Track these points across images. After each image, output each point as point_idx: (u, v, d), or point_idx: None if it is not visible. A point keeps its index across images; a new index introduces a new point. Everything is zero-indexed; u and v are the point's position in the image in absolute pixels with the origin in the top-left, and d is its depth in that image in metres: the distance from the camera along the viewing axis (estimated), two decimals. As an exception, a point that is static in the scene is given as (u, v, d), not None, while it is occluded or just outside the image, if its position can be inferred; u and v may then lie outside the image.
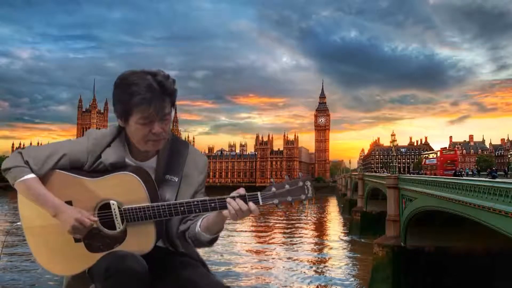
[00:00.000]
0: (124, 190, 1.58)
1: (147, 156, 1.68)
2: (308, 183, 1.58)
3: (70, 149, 1.63)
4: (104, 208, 1.59)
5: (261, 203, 1.56)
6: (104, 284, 1.47)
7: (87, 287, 1.66)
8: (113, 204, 1.58)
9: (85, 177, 1.61)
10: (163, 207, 1.57)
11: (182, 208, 1.57)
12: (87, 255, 1.59)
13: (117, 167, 1.62)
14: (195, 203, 1.57)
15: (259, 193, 1.56)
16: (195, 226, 1.66)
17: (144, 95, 1.49)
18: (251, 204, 1.54)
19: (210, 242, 1.67)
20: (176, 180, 1.68)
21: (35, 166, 1.58)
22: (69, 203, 1.59)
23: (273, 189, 1.57)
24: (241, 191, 1.57)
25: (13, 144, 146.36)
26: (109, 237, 1.59)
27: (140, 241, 1.59)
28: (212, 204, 1.57)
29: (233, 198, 1.54)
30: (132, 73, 1.55)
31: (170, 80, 1.56)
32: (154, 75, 1.53)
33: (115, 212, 1.58)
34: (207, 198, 1.57)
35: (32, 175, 1.57)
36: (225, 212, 1.56)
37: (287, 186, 1.57)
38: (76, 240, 1.60)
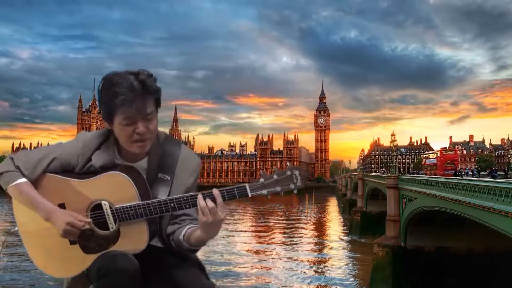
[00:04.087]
0: (114, 189, 1.57)
1: (138, 157, 1.67)
2: (297, 172, 1.56)
3: (60, 153, 1.64)
4: (96, 209, 1.59)
5: (249, 194, 1.53)
6: (97, 284, 1.49)
7: None
8: (104, 204, 1.58)
9: (76, 179, 1.61)
10: (153, 204, 1.56)
11: (172, 204, 1.56)
12: (83, 256, 1.60)
13: (107, 168, 1.62)
14: (185, 198, 1.56)
15: (247, 184, 1.53)
16: (180, 233, 1.64)
17: (126, 96, 1.49)
18: (218, 202, 1.50)
19: (191, 251, 1.66)
20: (169, 179, 1.67)
21: (26, 170, 1.60)
22: (62, 205, 1.60)
23: (262, 179, 1.54)
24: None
25: (13, 144, 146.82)
26: (103, 237, 1.59)
27: (134, 240, 1.58)
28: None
29: (211, 193, 1.52)
30: (114, 74, 1.54)
31: (152, 78, 1.55)
32: (136, 75, 1.52)
33: (107, 212, 1.58)
34: (197, 192, 1.54)
35: (23, 180, 1.59)
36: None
37: (275, 177, 1.55)
38: (72, 242, 1.60)
